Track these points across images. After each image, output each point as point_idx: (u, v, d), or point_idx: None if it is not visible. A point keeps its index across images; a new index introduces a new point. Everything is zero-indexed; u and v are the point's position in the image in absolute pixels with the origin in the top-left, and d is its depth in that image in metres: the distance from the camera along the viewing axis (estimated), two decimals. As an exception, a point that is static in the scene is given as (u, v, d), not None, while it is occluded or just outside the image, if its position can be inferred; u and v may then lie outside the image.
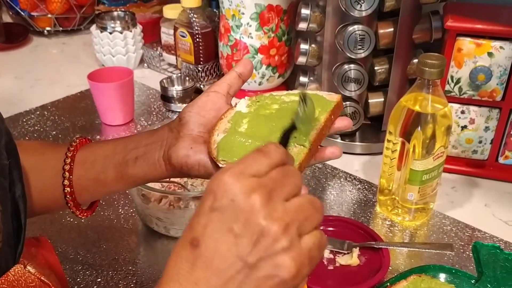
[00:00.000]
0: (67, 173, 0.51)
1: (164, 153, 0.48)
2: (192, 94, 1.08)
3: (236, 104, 0.49)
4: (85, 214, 0.55)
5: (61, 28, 1.43)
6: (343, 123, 0.48)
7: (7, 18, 1.49)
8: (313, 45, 0.92)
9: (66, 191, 0.51)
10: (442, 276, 0.61)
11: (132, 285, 0.64)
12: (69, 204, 0.52)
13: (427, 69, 0.65)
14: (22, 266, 0.41)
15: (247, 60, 0.51)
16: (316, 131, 0.44)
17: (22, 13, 1.39)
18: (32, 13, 1.40)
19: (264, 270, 0.32)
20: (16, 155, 0.44)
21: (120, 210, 0.77)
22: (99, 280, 0.65)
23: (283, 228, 0.32)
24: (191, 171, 0.47)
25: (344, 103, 0.89)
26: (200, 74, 1.14)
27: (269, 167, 0.35)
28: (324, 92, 0.49)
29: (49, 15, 1.39)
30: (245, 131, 0.46)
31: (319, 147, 0.46)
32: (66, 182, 0.51)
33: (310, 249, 0.34)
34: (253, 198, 0.33)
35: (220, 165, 0.44)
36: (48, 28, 1.42)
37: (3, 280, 0.39)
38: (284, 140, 0.43)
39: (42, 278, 0.42)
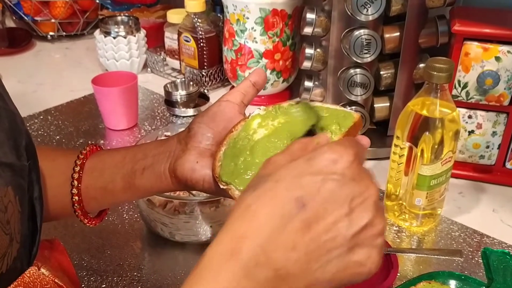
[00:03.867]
0: (75, 182, 0.50)
1: (170, 165, 0.47)
2: (196, 98, 1.08)
3: (249, 115, 0.47)
4: (93, 222, 0.54)
5: (64, 33, 1.43)
6: (362, 142, 0.44)
7: (10, 23, 1.49)
8: (318, 50, 0.91)
9: (74, 199, 0.50)
10: (452, 283, 0.60)
11: (137, 291, 0.64)
12: (77, 213, 0.52)
13: (435, 73, 0.65)
14: (36, 268, 0.41)
15: (261, 69, 0.51)
16: None
17: (26, 18, 1.39)
18: (36, 18, 1.40)
19: (358, 256, 0.33)
20: (35, 157, 0.44)
21: (125, 215, 0.76)
22: (103, 286, 0.64)
23: (385, 228, 0.35)
24: (196, 186, 0.47)
25: (350, 108, 0.89)
26: (204, 78, 1.14)
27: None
28: (344, 108, 0.47)
29: (53, 20, 1.39)
30: (255, 141, 0.44)
31: None
32: (74, 190, 0.50)
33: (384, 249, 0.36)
34: (375, 189, 0.34)
35: (221, 186, 0.43)
36: (51, 33, 1.42)
37: (19, 282, 0.39)
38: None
39: (56, 280, 0.42)
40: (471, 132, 0.81)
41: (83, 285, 0.64)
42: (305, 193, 0.33)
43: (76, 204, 0.51)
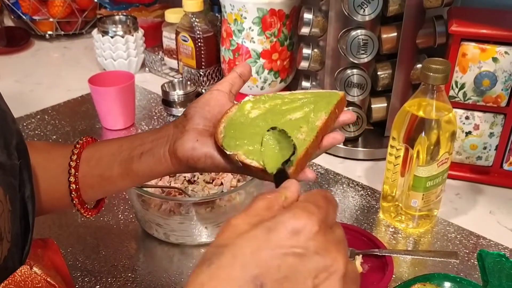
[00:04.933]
0: (72, 170, 0.50)
1: (169, 147, 0.48)
2: (193, 98, 1.07)
3: (241, 101, 0.50)
4: (90, 213, 0.54)
5: (62, 32, 1.42)
6: (347, 116, 0.48)
7: (8, 22, 1.49)
8: (315, 50, 0.91)
9: (71, 187, 0.51)
10: (447, 285, 0.60)
11: (131, 292, 0.63)
12: (74, 202, 0.52)
13: (431, 74, 0.65)
14: (29, 267, 0.41)
15: (246, 63, 0.52)
16: (322, 122, 0.44)
17: (24, 17, 1.39)
18: (34, 17, 1.40)
19: None
20: (27, 156, 0.44)
21: (120, 215, 0.76)
22: (98, 287, 0.64)
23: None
24: (198, 164, 0.47)
25: (346, 109, 0.88)
26: (201, 78, 1.13)
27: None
28: (326, 90, 0.50)
29: (51, 19, 1.39)
30: (252, 118, 0.47)
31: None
32: (71, 178, 0.50)
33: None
34: (348, 265, 0.31)
35: (228, 153, 0.44)
36: (49, 32, 1.42)
37: (10, 281, 0.39)
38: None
39: (48, 279, 0.42)
40: (468, 133, 0.81)
41: (77, 286, 0.64)
42: (263, 271, 0.29)
43: (73, 193, 0.51)
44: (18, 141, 0.42)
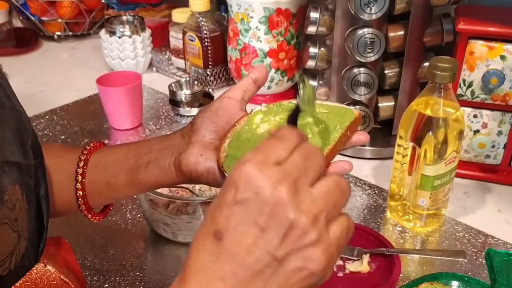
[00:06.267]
0: (79, 177, 0.51)
1: (175, 159, 0.48)
2: (200, 98, 1.08)
3: (251, 110, 0.48)
4: (97, 217, 0.55)
5: (71, 33, 1.43)
6: (360, 137, 0.46)
7: (17, 23, 1.51)
8: (322, 49, 0.91)
9: (78, 194, 0.51)
10: (455, 284, 0.60)
11: (139, 291, 0.64)
12: (81, 208, 0.52)
13: (438, 72, 0.64)
14: (43, 265, 0.42)
15: (262, 66, 0.50)
16: (330, 146, 0.43)
17: (33, 18, 1.40)
18: (42, 18, 1.41)
19: (293, 263, 0.32)
20: (41, 155, 0.45)
21: (128, 215, 0.77)
22: (106, 286, 0.65)
23: (311, 220, 0.32)
24: (200, 178, 0.47)
25: (354, 107, 0.88)
26: (208, 78, 1.14)
27: (288, 151, 0.33)
28: (343, 105, 0.47)
29: (59, 20, 1.40)
30: (259, 134, 0.45)
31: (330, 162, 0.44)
32: (78, 185, 0.51)
33: (338, 237, 0.33)
34: (279, 190, 0.31)
35: (226, 175, 0.43)
36: (58, 33, 1.43)
37: (27, 278, 0.40)
38: (291, 123, 0.41)
39: (62, 276, 0.43)
40: (476, 132, 0.81)
41: (85, 285, 0.65)
42: (218, 226, 0.32)
43: (80, 199, 0.51)
44: (33, 141, 0.43)
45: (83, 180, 0.51)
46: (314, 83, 0.95)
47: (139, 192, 0.52)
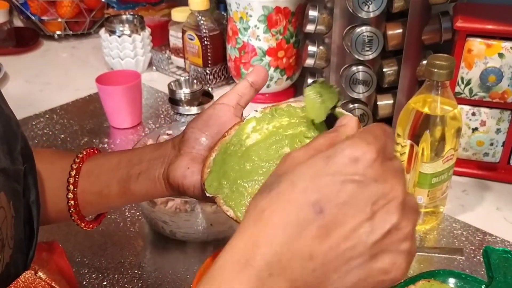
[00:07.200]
0: (71, 186, 0.50)
1: (164, 171, 0.47)
2: (200, 96, 1.08)
3: (244, 118, 0.45)
4: (90, 226, 0.54)
5: (71, 32, 1.44)
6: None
7: (18, 23, 1.51)
8: (321, 47, 0.91)
9: (70, 204, 0.50)
10: (452, 281, 0.60)
11: (137, 289, 0.64)
12: (73, 217, 0.51)
13: (435, 70, 0.64)
14: (33, 272, 0.41)
15: (261, 67, 0.48)
16: None
17: (33, 17, 1.40)
18: (43, 18, 1.41)
19: (381, 263, 0.31)
20: (32, 160, 0.44)
21: (127, 213, 0.77)
22: (105, 283, 0.65)
23: (412, 229, 0.31)
24: (187, 192, 0.46)
25: (352, 105, 0.88)
26: (208, 76, 1.14)
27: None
28: (341, 111, 0.45)
29: (59, 19, 1.40)
30: (247, 147, 0.42)
31: None
32: (70, 195, 0.50)
33: (415, 251, 0.33)
34: (396, 189, 0.31)
35: (207, 195, 0.41)
36: (58, 32, 1.43)
37: (12, 287, 0.38)
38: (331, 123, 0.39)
39: (53, 284, 0.42)
40: (475, 130, 0.81)
41: (84, 283, 0.65)
42: (322, 196, 0.30)
43: (72, 209, 0.50)
44: (22, 146, 0.42)
45: (75, 189, 0.50)
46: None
47: (131, 202, 0.51)
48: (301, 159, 0.32)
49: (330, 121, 0.39)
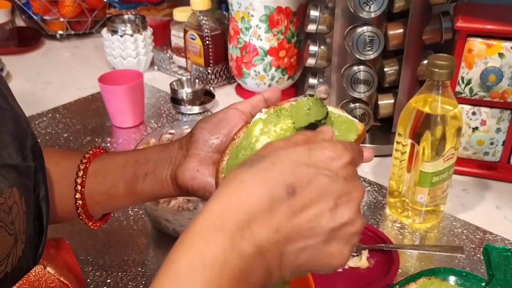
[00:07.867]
0: (79, 186, 0.50)
1: (171, 172, 0.48)
2: (202, 96, 1.08)
3: (251, 120, 0.46)
4: (98, 224, 0.55)
5: (73, 32, 1.44)
6: (364, 155, 0.43)
7: (20, 22, 1.52)
8: (322, 47, 0.92)
9: (77, 203, 0.51)
10: (452, 279, 0.61)
11: (141, 286, 0.65)
12: (81, 217, 0.52)
13: (436, 70, 0.65)
14: (42, 267, 0.42)
15: (276, 88, 0.50)
16: None
17: (35, 17, 1.41)
18: (45, 17, 1.41)
19: (332, 249, 0.36)
20: (41, 157, 0.45)
21: (130, 211, 0.78)
22: (108, 281, 0.65)
23: (361, 228, 0.37)
24: (196, 194, 0.47)
25: (353, 105, 0.89)
26: (209, 76, 1.14)
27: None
28: (347, 115, 0.46)
29: (61, 19, 1.41)
30: (257, 150, 0.43)
31: None
32: (78, 195, 0.51)
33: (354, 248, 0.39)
34: (359, 189, 0.37)
35: None
36: (60, 32, 1.44)
37: (24, 281, 0.39)
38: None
39: (62, 279, 0.43)
40: (475, 129, 0.81)
41: (88, 280, 0.65)
42: (297, 181, 0.34)
43: (80, 208, 0.51)
44: (32, 143, 0.43)
45: (83, 189, 0.51)
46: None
47: (138, 203, 0.52)
48: (282, 147, 0.37)
49: (312, 129, 0.43)
